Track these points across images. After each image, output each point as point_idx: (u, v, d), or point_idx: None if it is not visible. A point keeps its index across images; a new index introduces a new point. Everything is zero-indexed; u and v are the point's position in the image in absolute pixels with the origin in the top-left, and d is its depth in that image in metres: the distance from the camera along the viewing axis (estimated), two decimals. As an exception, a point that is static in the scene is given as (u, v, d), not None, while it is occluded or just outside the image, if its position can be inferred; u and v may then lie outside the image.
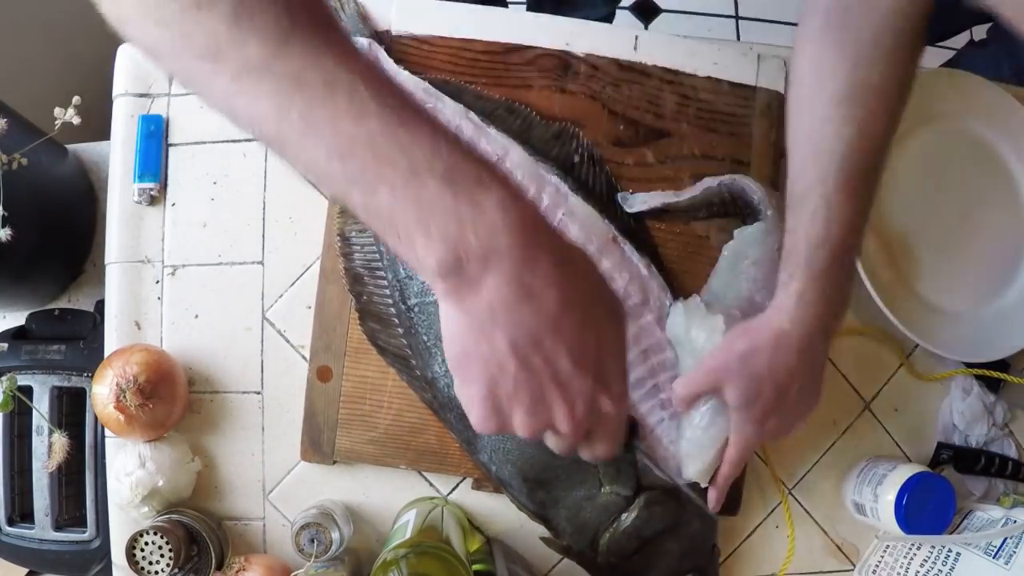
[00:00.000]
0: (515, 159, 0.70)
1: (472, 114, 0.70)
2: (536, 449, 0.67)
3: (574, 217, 0.69)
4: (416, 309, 0.69)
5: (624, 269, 0.68)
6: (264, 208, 0.74)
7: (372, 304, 0.70)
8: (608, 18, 1.32)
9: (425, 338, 0.69)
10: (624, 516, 0.67)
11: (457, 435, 0.70)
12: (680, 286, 0.72)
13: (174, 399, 0.69)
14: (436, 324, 0.68)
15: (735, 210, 0.71)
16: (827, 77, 0.58)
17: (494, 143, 0.70)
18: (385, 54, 0.71)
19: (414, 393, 0.70)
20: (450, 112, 0.70)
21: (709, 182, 0.71)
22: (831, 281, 0.59)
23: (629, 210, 0.71)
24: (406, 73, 0.71)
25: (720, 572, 0.73)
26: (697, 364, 0.65)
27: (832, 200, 0.58)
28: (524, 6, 1.39)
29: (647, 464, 0.67)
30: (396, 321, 0.70)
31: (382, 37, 0.73)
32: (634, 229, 0.71)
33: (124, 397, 0.65)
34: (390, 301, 0.70)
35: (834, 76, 0.58)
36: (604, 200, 0.71)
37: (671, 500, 0.67)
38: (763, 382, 0.61)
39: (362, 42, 0.71)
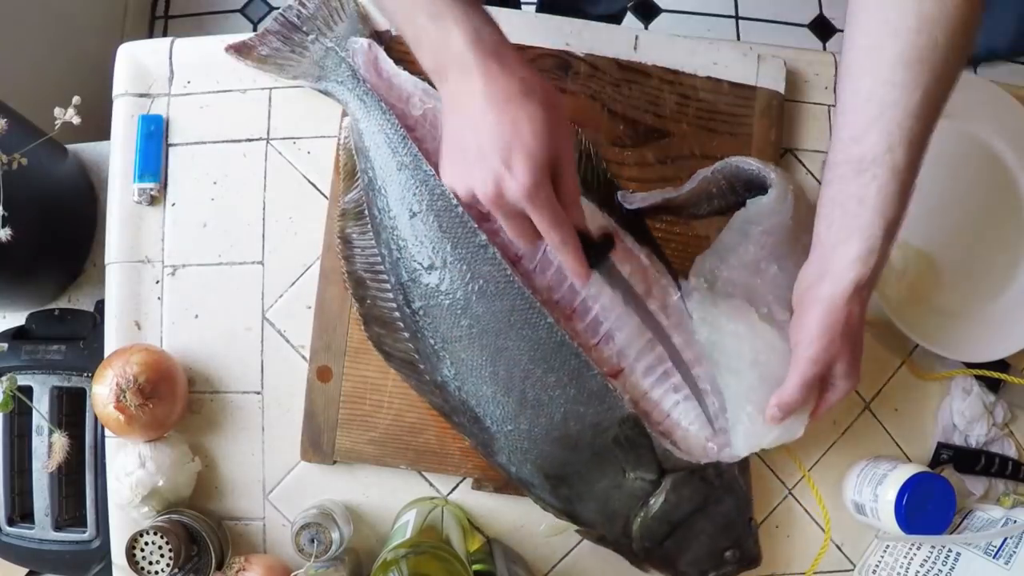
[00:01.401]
0: (515, 159, 0.69)
1: (472, 114, 0.70)
2: (552, 446, 0.66)
3: (574, 216, 0.68)
4: (421, 312, 0.67)
5: (626, 261, 0.68)
6: (264, 208, 0.74)
7: (376, 308, 0.70)
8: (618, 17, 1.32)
9: (432, 341, 0.67)
10: (652, 500, 0.66)
11: (473, 439, 0.69)
12: (680, 286, 0.71)
13: (174, 399, 0.69)
14: (442, 326, 0.67)
15: (736, 203, 0.71)
16: (890, 35, 0.56)
17: (494, 143, 0.70)
18: (385, 54, 0.71)
19: (415, 393, 0.70)
20: (450, 112, 0.70)
21: (703, 171, 0.70)
22: (883, 249, 0.59)
23: (629, 207, 0.71)
24: (406, 73, 0.70)
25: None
26: (796, 359, 0.62)
27: (901, 175, 0.57)
28: (534, 6, 1.40)
29: (667, 448, 0.66)
30: (401, 325, 0.69)
31: (382, 37, 0.73)
32: (634, 222, 0.71)
33: (124, 397, 0.65)
34: (394, 305, 0.69)
35: (898, 35, 0.56)
36: (604, 199, 0.71)
37: (697, 480, 0.66)
38: (857, 344, 0.61)
39: (362, 42, 0.71)
